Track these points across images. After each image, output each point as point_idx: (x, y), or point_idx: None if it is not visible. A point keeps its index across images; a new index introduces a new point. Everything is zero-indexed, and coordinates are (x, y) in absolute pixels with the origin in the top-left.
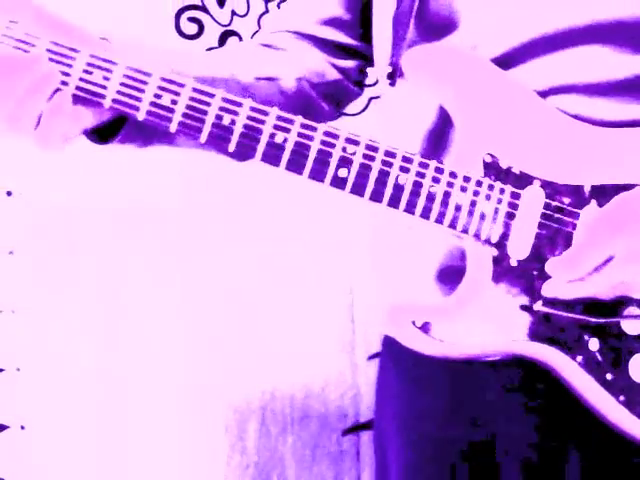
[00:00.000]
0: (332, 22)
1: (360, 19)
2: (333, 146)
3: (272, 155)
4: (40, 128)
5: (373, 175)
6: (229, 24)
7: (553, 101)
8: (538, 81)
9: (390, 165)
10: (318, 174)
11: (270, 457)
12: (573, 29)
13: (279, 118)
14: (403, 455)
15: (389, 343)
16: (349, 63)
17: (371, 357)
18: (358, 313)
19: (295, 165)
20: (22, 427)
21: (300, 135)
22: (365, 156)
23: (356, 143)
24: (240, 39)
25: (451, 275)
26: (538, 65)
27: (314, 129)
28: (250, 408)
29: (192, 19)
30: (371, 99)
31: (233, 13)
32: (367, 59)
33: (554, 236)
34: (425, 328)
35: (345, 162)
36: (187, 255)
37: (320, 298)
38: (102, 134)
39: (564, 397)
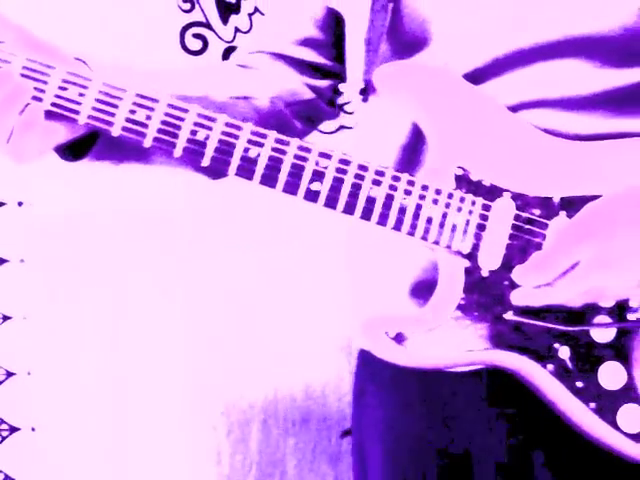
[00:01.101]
0: (306, 42)
1: (333, 39)
2: (306, 160)
3: (246, 169)
4: (12, 142)
5: (346, 188)
6: (232, 40)
7: (524, 115)
8: (509, 96)
9: (362, 178)
10: (291, 188)
11: (272, 457)
12: (544, 44)
13: (253, 133)
14: (383, 463)
15: (365, 355)
16: (323, 83)
17: None
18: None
19: (269, 179)
20: (33, 429)
21: (274, 149)
22: (338, 170)
23: (329, 157)
24: None
25: (425, 288)
26: (509, 80)
27: (287, 144)
28: (252, 410)
29: (197, 35)
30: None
31: (236, 30)
32: (340, 79)
33: (525, 247)
34: (398, 339)
35: (318, 176)
36: (191, 259)
37: (319, 304)
38: (75, 150)
39: (537, 405)
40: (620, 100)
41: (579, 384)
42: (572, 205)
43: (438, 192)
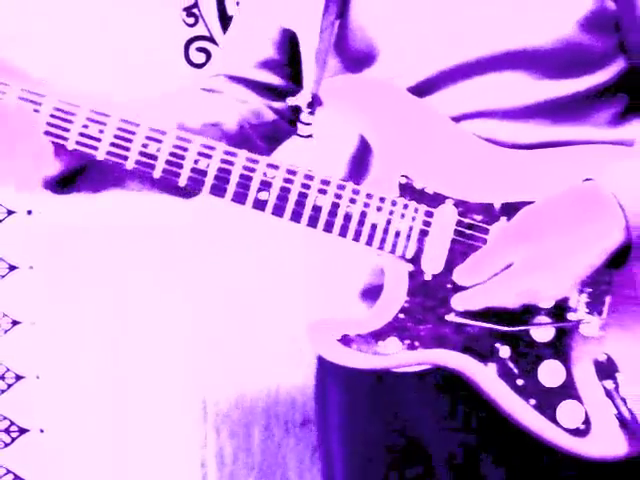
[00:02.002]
0: (265, 65)
1: (290, 59)
2: (254, 171)
3: (196, 180)
4: (19, 171)
5: (292, 197)
6: None
7: (466, 125)
8: (452, 107)
9: (308, 187)
10: (240, 197)
11: (273, 458)
12: (484, 58)
13: (202, 145)
14: (344, 462)
15: (322, 357)
16: (283, 104)
17: None
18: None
19: (217, 189)
20: (41, 430)
21: (222, 161)
22: (285, 180)
23: (276, 167)
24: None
25: (374, 293)
26: (452, 92)
27: (235, 155)
28: (254, 413)
29: (200, 49)
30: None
31: None
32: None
33: (467, 251)
34: (344, 341)
35: (265, 185)
36: (191, 266)
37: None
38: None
39: (482, 403)
40: (556, 110)
41: (520, 382)
42: (512, 210)
43: (382, 200)
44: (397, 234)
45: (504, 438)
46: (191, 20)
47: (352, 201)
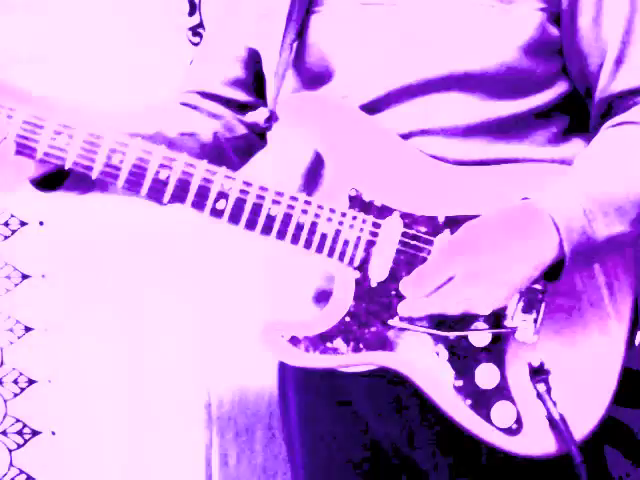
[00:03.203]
0: (233, 82)
1: (255, 76)
2: (211, 182)
3: (157, 190)
4: None
5: (248, 207)
6: None
7: (414, 142)
8: (401, 125)
9: (263, 198)
10: (198, 205)
11: (275, 458)
12: (431, 79)
13: (164, 157)
14: (304, 460)
15: (282, 362)
16: (245, 117)
17: None
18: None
19: (178, 198)
20: (53, 433)
21: (182, 172)
22: (241, 191)
23: (232, 179)
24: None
25: (326, 297)
26: (400, 110)
27: (194, 167)
28: (257, 415)
29: None
30: None
31: None
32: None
33: (411, 261)
34: (293, 342)
35: (222, 196)
36: (197, 273)
37: None
38: (48, 182)
39: (424, 401)
40: (497, 129)
41: (457, 383)
42: (456, 223)
43: (332, 211)
44: (345, 243)
45: (447, 433)
46: (197, 39)
47: (304, 212)
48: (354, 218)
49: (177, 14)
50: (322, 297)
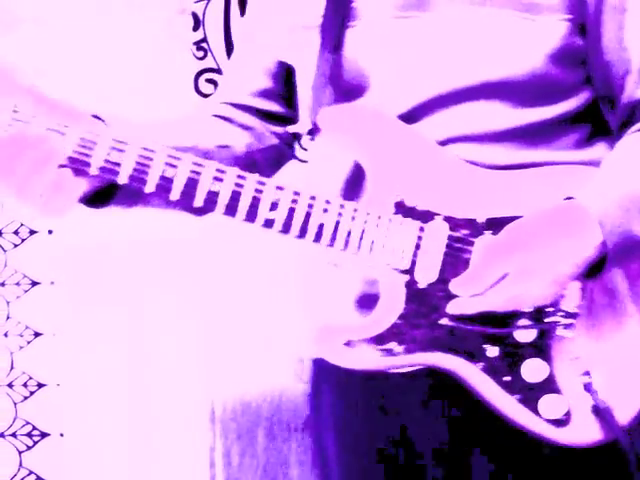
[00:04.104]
0: (264, 94)
1: (285, 88)
2: (262, 192)
3: (210, 202)
4: (44, 199)
5: (299, 217)
6: None
7: (451, 149)
8: (437, 132)
9: (312, 207)
10: (250, 217)
11: (276, 460)
12: (464, 88)
13: (217, 170)
14: (340, 461)
15: (318, 362)
16: (283, 129)
17: None
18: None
19: (230, 210)
20: (61, 434)
21: (236, 184)
22: (292, 200)
23: (282, 189)
24: None
25: (369, 300)
26: (436, 119)
27: (245, 178)
28: (259, 417)
29: (209, 80)
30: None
31: None
32: (294, 123)
33: (455, 262)
34: (349, 345)
35: (274, 206)
36: (201, 279)
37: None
38: (94, 199)
39: (471, 401)
40: (527, 135)
41: (506, 379)
42: (497, 225)
43: (380, 218)
44: (393, 248)
45: (489, 432)
46: (200, 53)
47: (352, 219)
48: (400, 223)
49: (182, 29)
50: (364, 301)
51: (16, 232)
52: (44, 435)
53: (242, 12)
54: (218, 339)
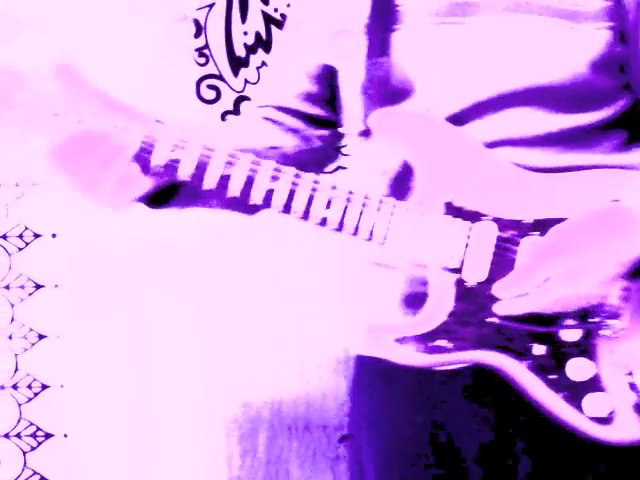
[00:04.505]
0: (307, 97)
1: (328, 91)
2: (317, 190)
3: (268, 199)
4: (110, 194)
5: (354, 215)
6: (242, 90)
7: (497, 151)
8: (483, 136)
9: (365, 206)
10: (305, 215)
11: (277, 460)
12: (509, 93)
13: (275, 170)
14: (382, 454)
15: (361, 359)
16: (324, 132)
17: None
18: (353, 338)
19: (286, 209)
20: (65, 435)
21: (292, 183)
22: (347, 199)
23: (336, 189)
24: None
25: (413, 300)
26: (482, 123)
27: (300, 177)
28: (261, 419)
29: (211, 86)
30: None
31: (246, 81)
32: (336, 126)
33: (502, 262)
34: (401, 342)
35: (328, 205)
36: (205, 282)
37: (320, 329)
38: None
39: (514, 399)
40: (571, 139)
41: (552, 377)
42: (542, 226)
43: (430, 217)
44: (443, 247)
45: (532, 431)
46: (202, 60)
47: (405, 218)
48: (450, 223)
49: (184, 36)
50: (410, 300)
51: (20, 236)
52: (48, 436)
53: (243, 19)
54: (220, 341)
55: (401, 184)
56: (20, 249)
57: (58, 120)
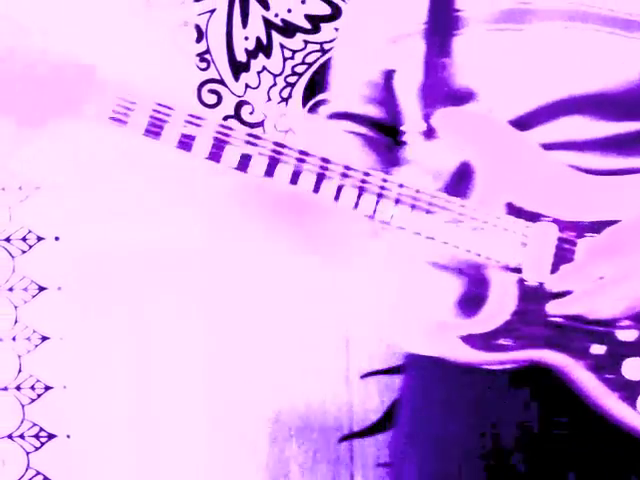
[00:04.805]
0: (370, 101)
1: (386, 94)
2: (389, 190)
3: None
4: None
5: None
6: (243, 95)
7: (555, 155)
8: (541, 139)
9: (432, 205)
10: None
11: (278, 461)
12: (565, 99)
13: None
14: (428, 451)
15: (411, 358)
16: (388, 133)
17: (363, 376)
18: (352, 342)
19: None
20: (68, 436)
21: (361, 180)
22: (413, 197)
23: (406, 187)
24: (253, 108)
25: (472, 299)
26: (540, 127)
27: (370, 175)
28: (262, 420)
29: (212, 91)
30: None
31: (247, 86)
32: (397, 128)
33: (562, 262)
34: (466, 340)
35: (397, 202)
36: (208, 288)
37: (320, 333)
38: None
39: (569, 398)
40: (624, 144)
41: (608, 376)
42: (598, 228)
43: (493, 217)
44: (506, 247)
45: (582, 430)
46: (203, 65)
47: (470, 217)
48: (511, 223)
49: (185, 41)
50: (469, 299)
51: (24, 239)
52: (51, 436)
53: (244, 24)
54: (222, 343)
55: (458, 184)
56: (23, 252)
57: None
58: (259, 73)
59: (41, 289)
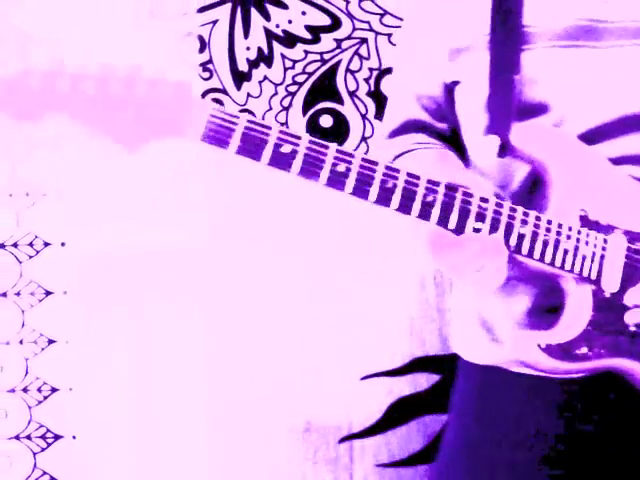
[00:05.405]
0: (434, 113)
1: (449, 106)
2: (470, 204)
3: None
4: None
5: (501, 227)
6: (245, 104)
7: (624, 168)
8: (609, 153)
9: (513, 218)
10: (460, 229)
11: (278, 461)
12: (632, 115)
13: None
14: (483, 452)
15: (465, 365)
16: (450, 145)
17: (362, 378)
18: (352, 343)
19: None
20: (74, 437)
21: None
22: (495, 211)
23: (487, 201)
24: (254, 117)
25: (547, 309)
26: (609, 141)
27: (438, 184)
28: (262, 420)
29: (214, 100)
30: None
31: (248, 95)
32: (458, 140)
33: (632, 272)
34: (545, 350)
35: (480, 217)
36: (211, 292)
37: (320, 333)
38: None
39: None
40: None
41: None
42: None
43: (570, 229)
44: (583, 258)
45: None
46: (206, 74)
47: (547, 230)
48: (587, 235)
49: (188, 51)
50: (543, 310)
51: (31, 244)
52: (57, 437)
53: (246, 35)
54: (224, 344)
55: (524, 195)
56: (30, 257)
57: None
58: (260, 82)
59: (47, 293)
